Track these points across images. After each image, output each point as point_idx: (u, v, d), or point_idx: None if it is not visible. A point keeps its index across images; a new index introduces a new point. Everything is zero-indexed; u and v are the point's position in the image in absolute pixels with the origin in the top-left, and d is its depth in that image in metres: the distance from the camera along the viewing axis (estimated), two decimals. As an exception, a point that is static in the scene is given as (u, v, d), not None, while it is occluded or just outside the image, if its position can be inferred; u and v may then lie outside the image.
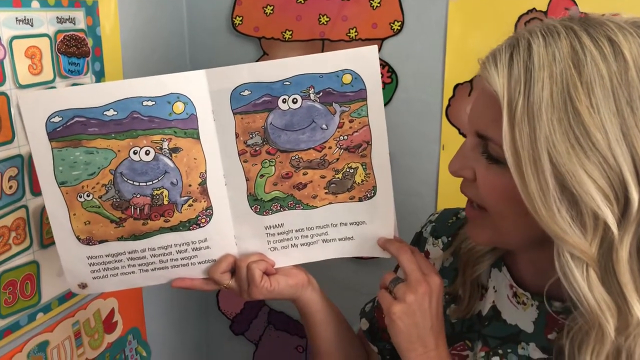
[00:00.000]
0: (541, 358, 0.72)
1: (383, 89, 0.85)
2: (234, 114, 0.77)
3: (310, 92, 0.77)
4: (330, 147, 0.79)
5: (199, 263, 0.83)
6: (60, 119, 0.74)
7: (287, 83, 0.76)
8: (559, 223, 0.59)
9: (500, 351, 0.75)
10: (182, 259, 0.82)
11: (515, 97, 0.60)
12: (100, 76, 1.02)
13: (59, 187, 0.77)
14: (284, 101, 0.77)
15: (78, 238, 0.79)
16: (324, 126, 0.78)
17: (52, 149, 0.75)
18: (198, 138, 0.77)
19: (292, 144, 0.79)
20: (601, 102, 0.57)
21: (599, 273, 0.60)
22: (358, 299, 1.01)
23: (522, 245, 0.70)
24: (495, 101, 0.62)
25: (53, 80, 0.93)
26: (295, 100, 0.77)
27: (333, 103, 0.77)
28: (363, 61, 0.76)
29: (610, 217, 0.58)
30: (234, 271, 0.83)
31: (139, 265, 0.82)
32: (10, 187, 0.88)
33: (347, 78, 0.76)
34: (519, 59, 0.60)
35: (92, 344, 1.09)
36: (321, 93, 0.77)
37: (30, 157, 0.90)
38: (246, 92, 0.76)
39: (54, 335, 1.00)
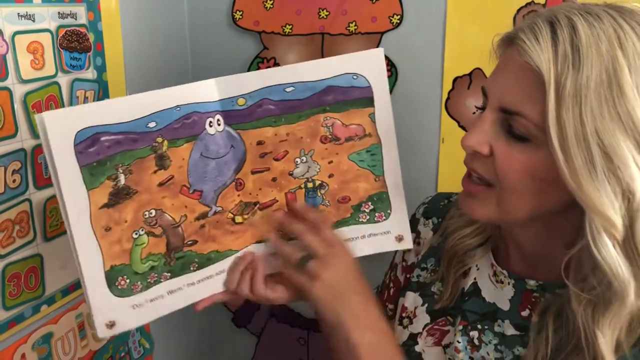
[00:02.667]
0: (514, 334, 0.74)
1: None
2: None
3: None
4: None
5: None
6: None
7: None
8: (601, 197, 0.61)
9: (479, 326, 0.77)
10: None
11: (563, 74, 0.60)
12: (102, 71, 1.03)
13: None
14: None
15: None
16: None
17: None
18: None
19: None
20: None
21: (622, 243, 0.63)
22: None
23: (521, 222, 0.71)
24: (531, 76, 0.63)
25: (55, 75, 0.94)
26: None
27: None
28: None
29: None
30: None
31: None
32: (14, 181, 0.89)
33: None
34: (564, 36, 0.61)
35: (95, 336, 1.10)
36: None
37: (33, 150, 0.91)
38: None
39: (57, 327, 1.01)
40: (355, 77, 0.80)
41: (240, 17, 1.25)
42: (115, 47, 1.07)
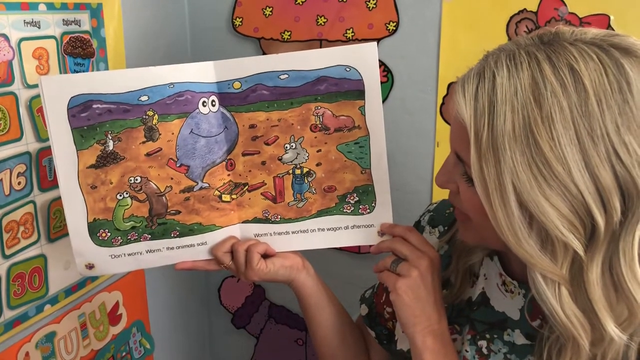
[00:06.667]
0: (525, 344, 0.75)
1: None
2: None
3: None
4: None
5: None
6: None
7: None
8: (526, 248, 0.62)
9: (487, 336, 0.78)
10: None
11: (480, 129, 0.62)
12: (104, 76, 1.05)
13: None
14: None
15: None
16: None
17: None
18: None
19: None
20: (562, 134, 0.58)
21: (570, 290, 0.63)
22: (357, 293, 1.04)
23: (504, 247, 0.73)
24: (464, 128, 0.64)
25: (59, 80, 0.96)
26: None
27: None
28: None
29: (575, 243, 0.61)
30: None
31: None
32: (19, 183, 0.92)
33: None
34: (483, 91, 0.62)
35: (97, 336, 1.12)
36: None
37: (38, 153, 0.94)
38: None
39: (61, 327, 1.03)
40: (347, 69, 0.81)
41: (240, 23, 1.28)
42: (118, 53, 1.09)
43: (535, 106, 0.59)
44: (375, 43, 0.81)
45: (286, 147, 0.85)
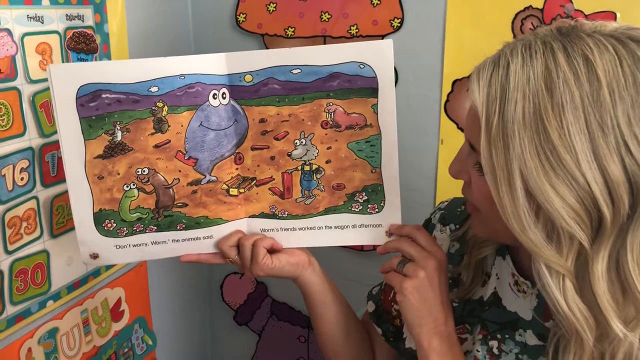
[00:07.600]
0: (537, 344, 0.75)
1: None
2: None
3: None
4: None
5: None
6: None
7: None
8: (530, 237, 0.62)
9: (498, 336, 0.77)
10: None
11: (491, 115, 0.62)
12: (107, 72, 1.05)
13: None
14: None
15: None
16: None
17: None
18: None
19: None
20: (572, 123, 0.58)
21: (575, 284, 0.63)
22: (360, 290, 1.04)
23: (515, 241, 0.73)
24: (477, 115, 0.64)
25: (63, 76, 0.96)
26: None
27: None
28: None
29: (580, 234, 0.61)
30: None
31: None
32: (22, 179, 0.91)
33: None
34: (497, 78, 0.62)
35: (99, 332, 1.12)
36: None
37: (40, 149, 0.93)
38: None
39: (63, 323, 1.03)
40: (362, 66, 0.80)
41: (244, 20, 1.27)
42: (121, 49, 1.09)
43: (546, 94, 0.59)
44: (391, 40, 0.79)
45: (296, 143, 0.84)
